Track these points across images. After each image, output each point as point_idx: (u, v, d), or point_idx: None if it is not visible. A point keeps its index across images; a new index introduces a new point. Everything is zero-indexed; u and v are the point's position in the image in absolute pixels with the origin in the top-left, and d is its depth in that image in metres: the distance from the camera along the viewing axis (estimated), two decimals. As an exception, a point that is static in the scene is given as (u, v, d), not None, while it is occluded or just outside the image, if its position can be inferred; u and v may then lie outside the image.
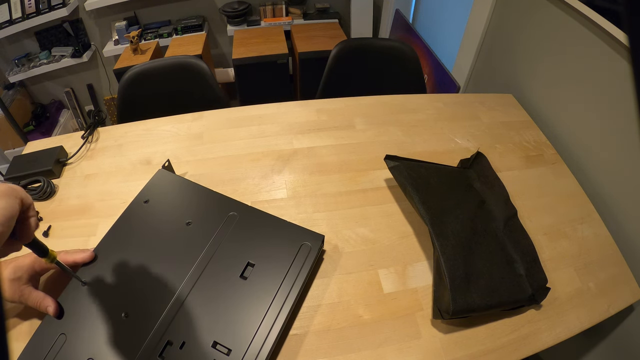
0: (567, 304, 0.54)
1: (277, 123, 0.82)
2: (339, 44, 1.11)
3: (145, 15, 2.05)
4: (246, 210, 0.58)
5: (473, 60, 1.19)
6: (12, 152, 1.94)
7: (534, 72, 0.92)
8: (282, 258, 0.52)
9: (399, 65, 1.13)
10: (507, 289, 0.52)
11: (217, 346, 0.44)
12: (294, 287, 0.49)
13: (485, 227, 0.60)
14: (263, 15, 2.12)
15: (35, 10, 1.81)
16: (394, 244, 0.60)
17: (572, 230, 0.64)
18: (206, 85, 1.08)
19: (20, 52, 1.99)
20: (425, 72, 1.48)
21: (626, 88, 0.66)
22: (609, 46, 0.68)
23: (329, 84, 1.13)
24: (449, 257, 0.52)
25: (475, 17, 1.14)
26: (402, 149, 0.76)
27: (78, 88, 2.23)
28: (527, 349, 0.49)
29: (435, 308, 0.51)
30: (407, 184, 0.61)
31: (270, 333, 0.45)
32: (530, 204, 0.67)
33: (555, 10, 0.82)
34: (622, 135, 0.68)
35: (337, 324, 0.51)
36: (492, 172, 0.69)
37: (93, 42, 2.06)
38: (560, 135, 0.82)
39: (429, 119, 0.84)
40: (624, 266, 0.60)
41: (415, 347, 0.49)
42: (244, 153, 0.75)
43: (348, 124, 0.82)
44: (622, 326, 0.66)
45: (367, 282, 0.55)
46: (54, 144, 0.76)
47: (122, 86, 1.02)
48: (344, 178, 0.70)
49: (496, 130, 0.83)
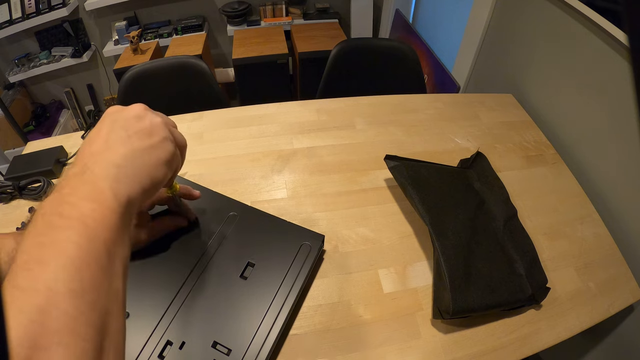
0: (567, 304, 0.54)
1: (277, 123, 0.82)
2: (339, 44, 1.11)
3: (145, 15, 2.05)
4: (246, 210, 0.58)
5: (473, 60, 1.19)
6: (12, 152, 1.94)
7: (534, 72, 0.92)
8: (282, 258, 0.52)
9: (399, 65, 1.13)
10: (507, 289, 0.52)
11: (217, 346, 0.44)
12: (294, 287, 0.49)
13: (485, 227, 0.60)
14: (263, 15, 2.12)
15: (35, 10, 1.81)
16: (394, 244, 0.60)
17: (572, 230, 0.64)
18: (206, 85, 1.08)
19: (20, 52, 1.99)
20: (425, 72, 1.48)
21: (626, 88, 0.66)
22: (609, 46, 0.68)
23: (329, 84, 1.13)
24: (449, 257, 0.52)
25: (475, 17, 1.14)
26: (402, 149, 0.76)
27: (78, 88, 2.23)
28: (527, 349, 0.49)
29: (435, 308, 0.51)
30: (407, 184, 0.61)
31: (270, 333, 0.45)
32: (530, 204, 0.67)
33: (555, 10, 0.82)
34: (622, 135, 0.68)
35: (337, 324, 0.51)
36: (492, 172, 0.69)
37: (93, 42, 2.06)
38: (560, 135, 0.82)
39: (429, 119, 0.84)
40: (624, 266, 0.60)
41: (415, 347, 0.49)
42: (244, 153, 0.75)
43: (348, 124, 0.82)
44: (622, 326, 0.66)
45: (367, 282, 0.55)
46: (54, 144, 0.76)
47: (122, 86, 1.02)
48: (344, 178, 0.70)
49: (496, 130, 0.83)
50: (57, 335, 0.19)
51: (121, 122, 0.32)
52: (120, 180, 0.28)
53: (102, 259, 0.24)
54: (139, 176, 0.30)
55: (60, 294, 0.20)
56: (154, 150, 0.33)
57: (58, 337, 0.19)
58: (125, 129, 0.32)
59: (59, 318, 0.19)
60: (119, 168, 0.29)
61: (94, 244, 0.23)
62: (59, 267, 0.21)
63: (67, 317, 0.20)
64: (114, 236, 0.25)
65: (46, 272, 0.21)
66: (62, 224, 0.24)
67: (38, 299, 0.19)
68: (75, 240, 0.23)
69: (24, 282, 0.20)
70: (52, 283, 0.20)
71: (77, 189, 0.26)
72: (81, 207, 0.25)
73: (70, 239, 0.23)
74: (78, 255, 0.22)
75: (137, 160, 0.31)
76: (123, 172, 0.29)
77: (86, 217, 0.24)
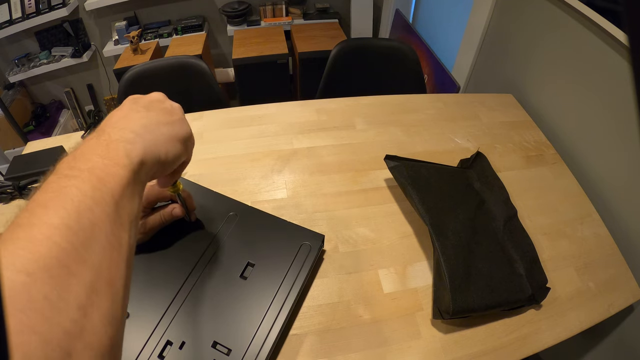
0: (567, 304, 0.54)
1: (277, 123, 0.82)
2: (339, 44, 1.11)
3: (145, 15, 2.05)
4: (246, 210, 0.58)
5: (473, 60, 1.19)
6: (12, 152, 1.94)
7: (534, 72, 0.92)
8: (282, 258, 0.52)
9: (399, 65, 1.13)
10: (507, 288, 0.52)
11: (217, 346, 0.44)
12: (293, 287, 0.49)
13: (485, 227, 0.60)
14: (263, 15, 2.12)
15: (35, 10, 1.81)
16: (394, 244, 0.60)
17: (572, 230, 0.64)
18: (206, 85, 1.08)
19: (20, 52, 1.99)
20: (425, 72, 1.48)
21: (626, 88, 0.66)
22: (609, 46, 0.68)
23: (329, 84, 1.13)
24: (449, 257, 0.52)
25: (475, 17, 1.14)
26: (402, 149, 0.76)
27: (78, 88, 2.23)
28: (527, 349, 0.49)
29: (435, 308, 0.51)
30: (407, 184, 0.61)
31: (270, 333, 0.45)
32: (530, 204, 0.67)
33: (555, 10, 0.82)
34: (622, 135, 0.68)
35: (337, 324, 0.51)
36: (492, 172, 0.69)
37: (93, 42, 2.06)
38: (560, 135, 0.82)
39: (429, 119, 0.84)
40: (624, 266, 0.60)
41: (415, 347, 0.49)
42: (244, 153, 0.75)
43: (348, 124, 0.82)
44: (622, 326, 0.66)
45: (367, 282, 0.55)
46: (54, 144, 0.76)
47: (122, 86, 1.02)
48: (344, 178, 0.70)
49: (496, 130, 0.83)
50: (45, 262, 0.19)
51: (143, 102, 0.34)
52: (136, 143, 0.29)
53: (108, 207, 0.24)
54: (155, 145, 0.31)
55: (54, 227, 0.20)
56: (173, 125, 0.34)
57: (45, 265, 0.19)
58: (146, 107, 0.33)
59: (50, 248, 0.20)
60: (136, 134, 0.29)
61: (99, 192, 0.24)
62: (59, 207, 0.22)
63: (58, 248, 0.20)
64: (123, 190, 0.26)
65: (47, 213, 0.21)
66: (71, 173, 0.24)
67: (33, 231, 0.20)
68: (81, 186, 0.23)
69: (23, 219, 0.21)
70: (49, 219, 0.21)
71: (92, 149, 0.27)
72: (92, 160, 0.25)
73: (76, 185, 0.23)
74: (81, 200, 0.22)
75: (155, 131, 0.32)
76: (140, 138, 0.30)
77: (95, 169, 0.25)
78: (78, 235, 0.21)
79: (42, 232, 0.20)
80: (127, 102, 0.34)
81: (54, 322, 0.18)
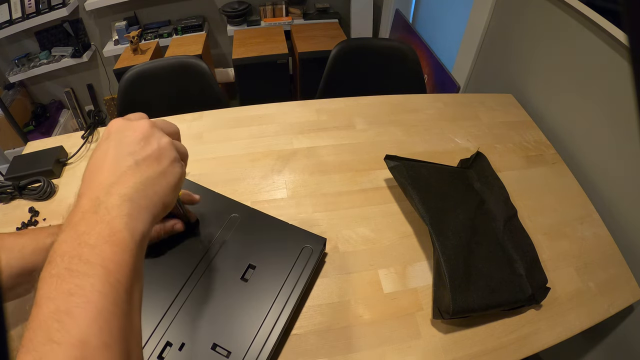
0: (567, 304, 0.54)
1: (277, 123, 0.82)
2: (339, 44, 1.11)
3: (145, 15, 2.05)
4: (248, 212, 0.58)
5: (473, 60, 1.19)
6: (12, 152, 1.94)
7: (534, 72, 0.92)
8: (283, 261, 0.52)
9: (399, 65, 1.13)
10: (507, 289, 0.52)
11: (217, 348, 0.44)
12: (294, 290, 0.49)
13: (485, 227, 0.60)
14: (263, 15, 2.12)
15: (35, 10, 1.81)
16: (394, 244, 0.60)
17: (572, 230, 0.64)
18: (206, 85, 1.08)
19: (20, 52, 1.99)
20: (425, 72, 1.48)
21: (626, 88, 0.66)
22: (609, 46, 0.68)
23: (329, 84, 1.13)
24: (449, 257, 0.52)
25: (475, 17, 1.14)
26: (402, 149, 0.76)
27: (78, 88, 2.23)
28: (527, 349, 0.49)
29: (435, 308, 0.51)
30: (407, 184, 0.61)
31: (269, 337, 0.45)
32: (530, 204, 0.67)
33: (555, 10, 0.82)
34: (622, 135, 0.68)
35: (337, 324, 0.51)
36: (492, 172, 0.69)
37: (93, 42, 2.06)
38: (560, 135, 0.82)
39: (429, 119, 0.84)
40: (624, 266, 0.60)
41: (415, 347, 0.49)
42: (244, 153, 0.75)
43: (348, 124, 0.82)
44: (622, 326, 0.66)
45: (367, 282, 0.55)
46: (54, 144, 0.76)
47: (122, 86, 1.02)
48: (344, 178, 0.70)
49: (496, 130, 0.83)
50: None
51: (128, 147, 0.32)
52: (134, 216, 0.29)
53: (124, 304, 0.25)
54: (152, 206, 0.31)
55: (93, 348, 0.22)
56: (164, 176, 0.33)
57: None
58: (132, 154, 0.31)
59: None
60: (132, 202, 0.29)
61: (116, 291, 0.25)
62: (90, 320, 0.23)
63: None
64: (133, 275, 0.27)
65: (78, 325, 0.22)
66: (84, 269, 0.24)
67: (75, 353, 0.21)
68: (100, 288, 0.24)
69: (59, 335, 0.21)
70: (85, 337, 0.22)
71: (93, 228, 0.27)
72: (101, 251, 0.26)
73: (95, 287, 0.24)
74: (104, 306, 0.24)
75: (149, 190, 0.31)
76: (136, 206, 0.29)
77: (107, 262, 0.25)
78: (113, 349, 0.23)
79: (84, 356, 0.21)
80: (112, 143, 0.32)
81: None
